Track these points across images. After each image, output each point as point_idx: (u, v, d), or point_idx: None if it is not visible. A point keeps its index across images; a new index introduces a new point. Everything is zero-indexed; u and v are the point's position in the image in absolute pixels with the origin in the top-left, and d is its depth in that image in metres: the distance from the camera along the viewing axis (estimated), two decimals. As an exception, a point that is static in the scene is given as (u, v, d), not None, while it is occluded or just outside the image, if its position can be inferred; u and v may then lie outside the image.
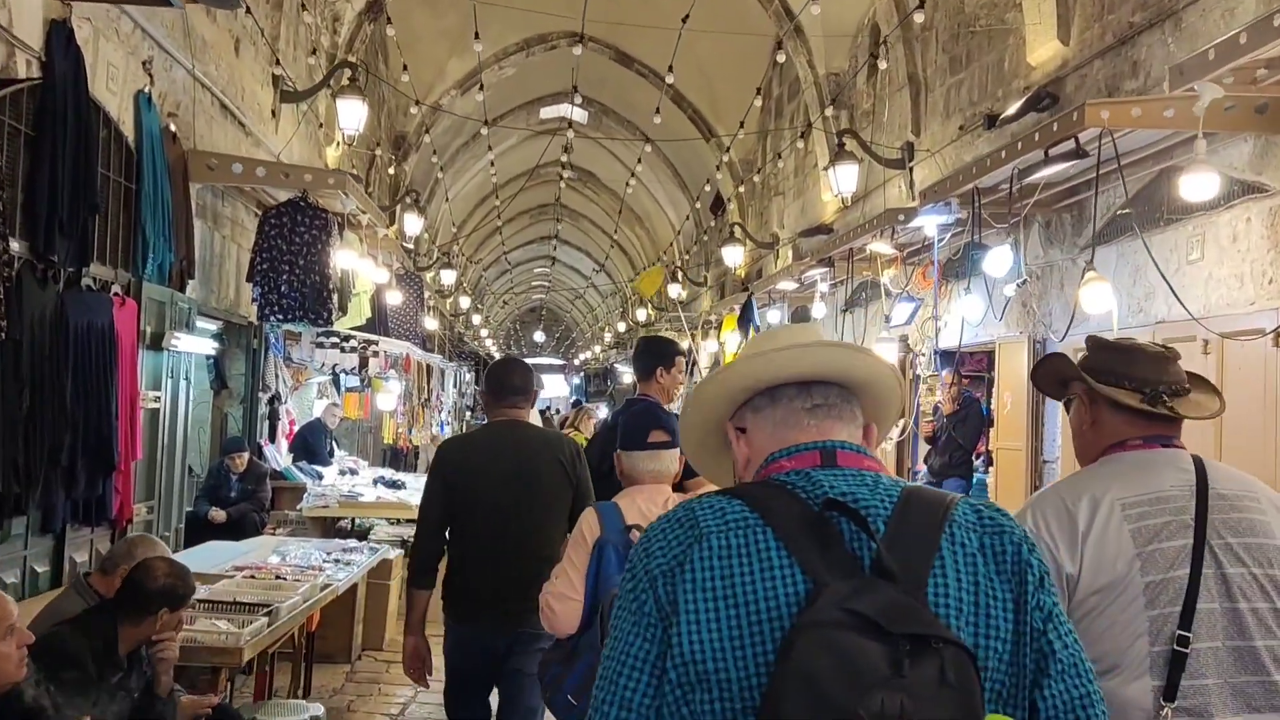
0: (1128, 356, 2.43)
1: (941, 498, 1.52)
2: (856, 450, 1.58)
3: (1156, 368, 2.40)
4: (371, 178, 16.11)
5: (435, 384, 14.56)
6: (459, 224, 25.81)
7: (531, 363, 22.62)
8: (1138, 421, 2.39)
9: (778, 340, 1.68)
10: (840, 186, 10.82)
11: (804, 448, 1.58)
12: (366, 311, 9.74)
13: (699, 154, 21.25)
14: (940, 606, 1.41)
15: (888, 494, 1.50)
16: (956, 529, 1.47)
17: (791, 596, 1.39)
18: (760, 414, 1.63)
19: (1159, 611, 2.18)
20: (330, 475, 10.98)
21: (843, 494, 1.48)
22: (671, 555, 1.46)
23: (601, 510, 3.42)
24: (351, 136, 10.08)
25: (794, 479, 1.52)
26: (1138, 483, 2.30)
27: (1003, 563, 1.47)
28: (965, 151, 9.70)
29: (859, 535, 1.43)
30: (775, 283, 12.09)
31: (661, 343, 5.31)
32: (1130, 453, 2.39)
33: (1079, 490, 2.34)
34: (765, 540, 1.43)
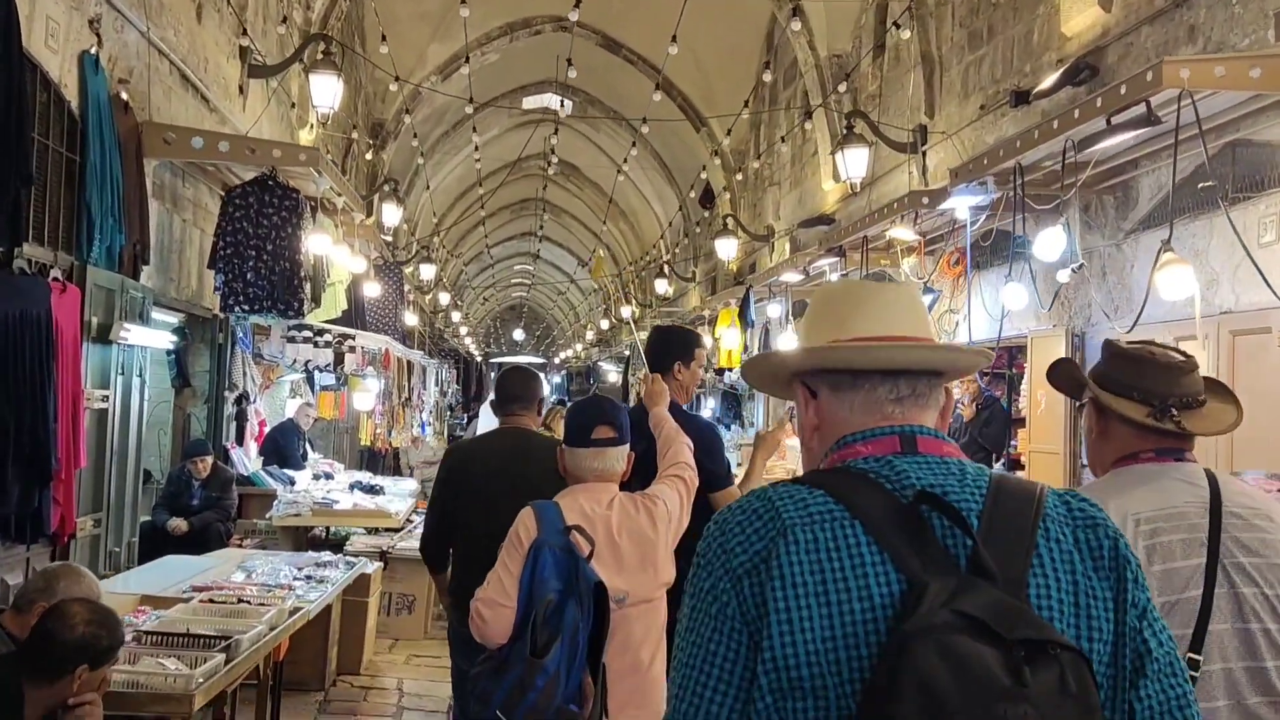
0: (1138, 366, 2.33)
1: (1031, 489, 1.43)
2: (936, 436, 1.49)
3: (1168, 379, 2.30)
4: (348, 165, 15.32)
5: (416, 382, 13.78)
6: (440, 216, 25.02)
7: (510, 361, 21.92)
8: (1147, 434, 2.31)
9: (869, 316, 1.53)
10: (848, 171, 10.15)
11: (882, 432, 1.47)
12: (342, 303, 8.99)
13: (688, 145, 20.52)
14: (1043, 609, 1.34)
15: (976, 485, 1.40)
16: (1051, 523, 1.39)
17: (887, 596, 1.30)
18: (840, 392, 1.52)
19: None
20: (303, 480, 10.22)
21: (931, 485, 1.38)
22: (754, 551, 1.36)
23: (539, 510, 3.20)
24: (325, 115, 9.34)
25: (876, 467, 1.42)
26: (1152, 498, 2.24)
27: (1100, 558, 1.39)
28: (987, 132, 9.04)
29: (952, 531, 1.35)
30: (779, 274, 11.37)
31: (680, 332, 4.64)
32: (1142, 465, 2.31)
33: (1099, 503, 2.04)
34: (855, 535, 1.33)
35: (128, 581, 6.31)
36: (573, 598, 2.96)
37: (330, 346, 9.60)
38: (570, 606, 2.94)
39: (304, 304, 7.42)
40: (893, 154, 11.01)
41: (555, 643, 2.88)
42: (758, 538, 1.36)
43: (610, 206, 27.70)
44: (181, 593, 5.94)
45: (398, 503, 9.77)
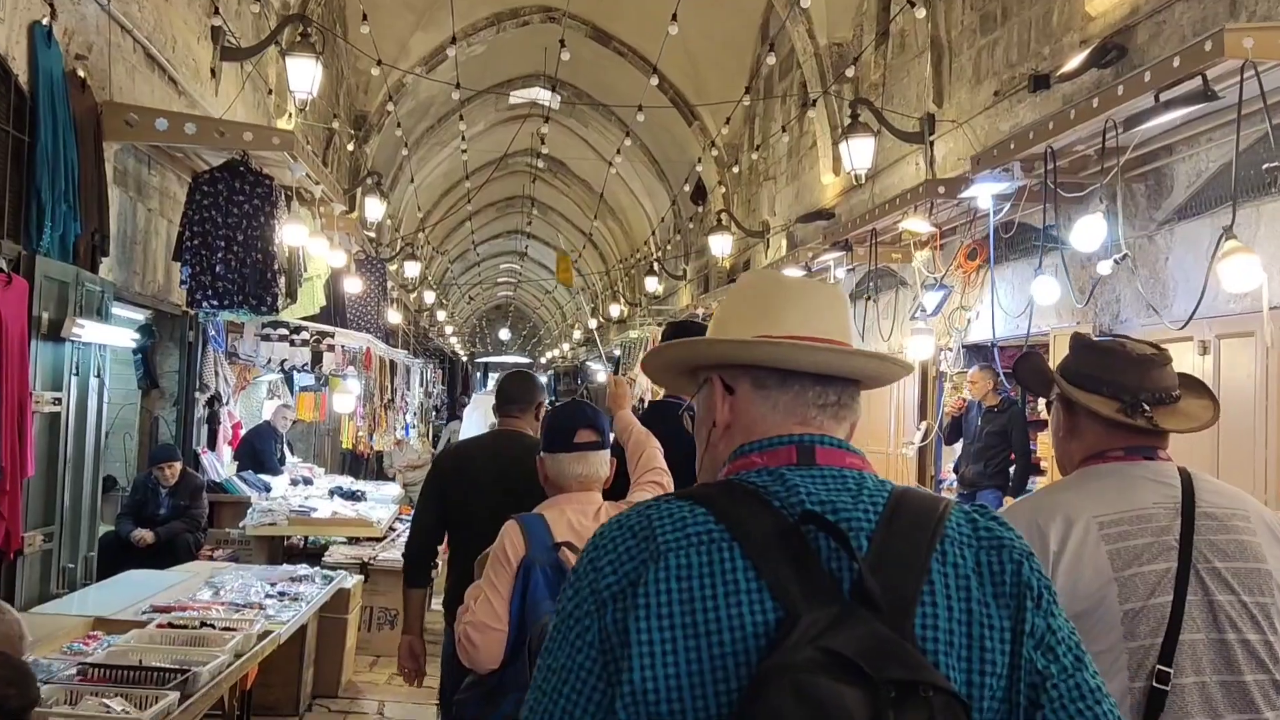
0: (1107, 359, 2.23)
1: (933, 505, 1.33)
2: (838, 445, 1.39)
3: (1138, 373, 2.20)
4: (329, 158, 14.78)
5: (400, 383, 13.21)
6: (425, 213, 24.46)
7: (496, 361, 21.26)
8: (1117, 431, 2.20)
9: (802, 314, 1.44)
10: (853, 162, 9.68)
11: (779, 441, 1.39)
12: (320, 299, 8.46)
13: (679, 140, 20.05)
14: (929, 640, 1.24)
15: (872, 501, 1.32)
16: (950, 545, 1.30)
17: (760, 627, 1.22)
18: (763, 391, 1.42)
19: (1139, 643, 2.04)
20: (280, 486, 9.69)
21: (821, 502, 1.30)
22: (624, 573, 1.27)
23: (526, 524, 3.02)
24: (304, 101, 8.81)
25: (767, 481, 1.33)
26: (1117, 499, 2.13)
27: (1000, 584, 1.29)
28: (1002, 119, 8.58)
29: (839, 553, 1.26)
30: (781, 269, 10.89)
31: (695, 328, 4.25)
32: (1110, 464, 2.20)
33: (1053, 506, 2.16)
34: (732, 559, 1.24)
35: (83, 601, 5.79)
36: None
37: (308, 345, 9.06)
38: None
39: (278, 299, 6.89)
40: (897, 145, 10.55)
41: None
42: (629, 558, 1.28)
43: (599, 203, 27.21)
44: (140, 614, 5.44)
45: (380, 510, 9.25)
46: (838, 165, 12.72)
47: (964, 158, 9.20)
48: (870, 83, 11.64)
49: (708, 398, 1.47)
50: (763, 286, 1.52)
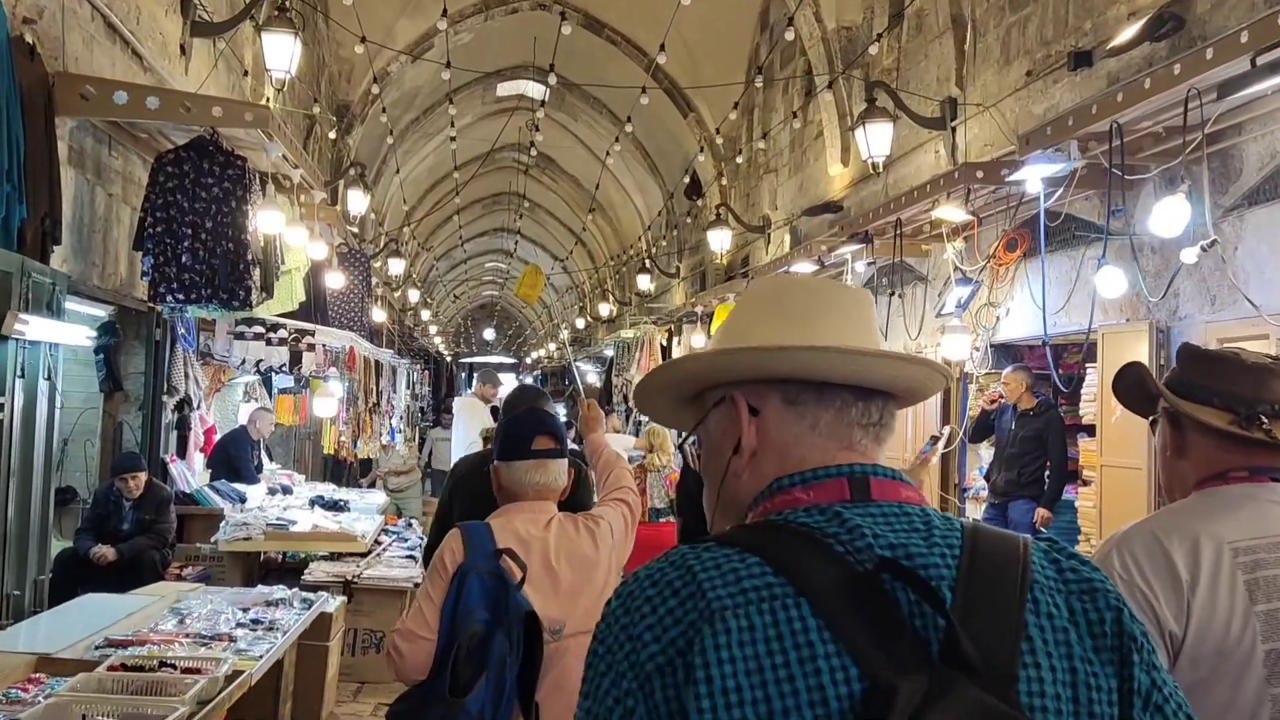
0: (1218, 368, 2.01)
1: (1013, 546, 1.16)
2: (892, 476, 1.22)
3: (1255, 382, 1.96)
4: (310, 147, 14.09)
5: (386, 384, 12.47)
6: (411, 208, 23.75)
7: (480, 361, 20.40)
8: (1235, 448, 1.95)
9: (838, 320, 1.27)
10: (870, 149, 9.06)
11: (827, 474, 1.20)
12: (300, 294, 7.76)
13: (674, 134, 19.41)
14: (1037, 710, 1.07)
15: (946, 542, 1.14)
16: (1041, 593, 1.13)
17: (845, 700, 1.03)
18: (798, 408, 1.24)
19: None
20: (256, 495, 9.01)
21: (892, 546, 1.12)
22: (669, 640, 1.07)
23: (468, 532, 2.94)
24: (281, 80, 8.13)
25: (822, 523, 1.14)
26: (1250, 523, 1.87)
27: (1101, 636, 1.14)
28: (1035, 101, 7.98)
29: (920, 607, 1.08)
30: (790, 264, 10.24)
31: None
32: (1234, 486, 1.95)
33: (1177, 528, 1.90)
34: (802, 619, 1.06)
35: (30, 635, 5.11)
36: (501, 628, 2.72)
37: (286, 344, 8.36)
38: (498, 638, 2.71)
39: (251, 293, 6.22)
40: (913, 133, 9.94)
41: (480, 679, 2.66)
42: (674, 621, 1.08)
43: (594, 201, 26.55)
44: (92, 649, 4.78)
45: (364, 522, 8.58)
46: (846, 155, 12.13)
47: (990, 144, 8.61)
48: (883, 68, 11.02)
49: (723, 421, 1.28)
50: (787, 290, 1.34)
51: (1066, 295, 7.31)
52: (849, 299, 1.33)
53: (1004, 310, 8.33)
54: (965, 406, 8.93)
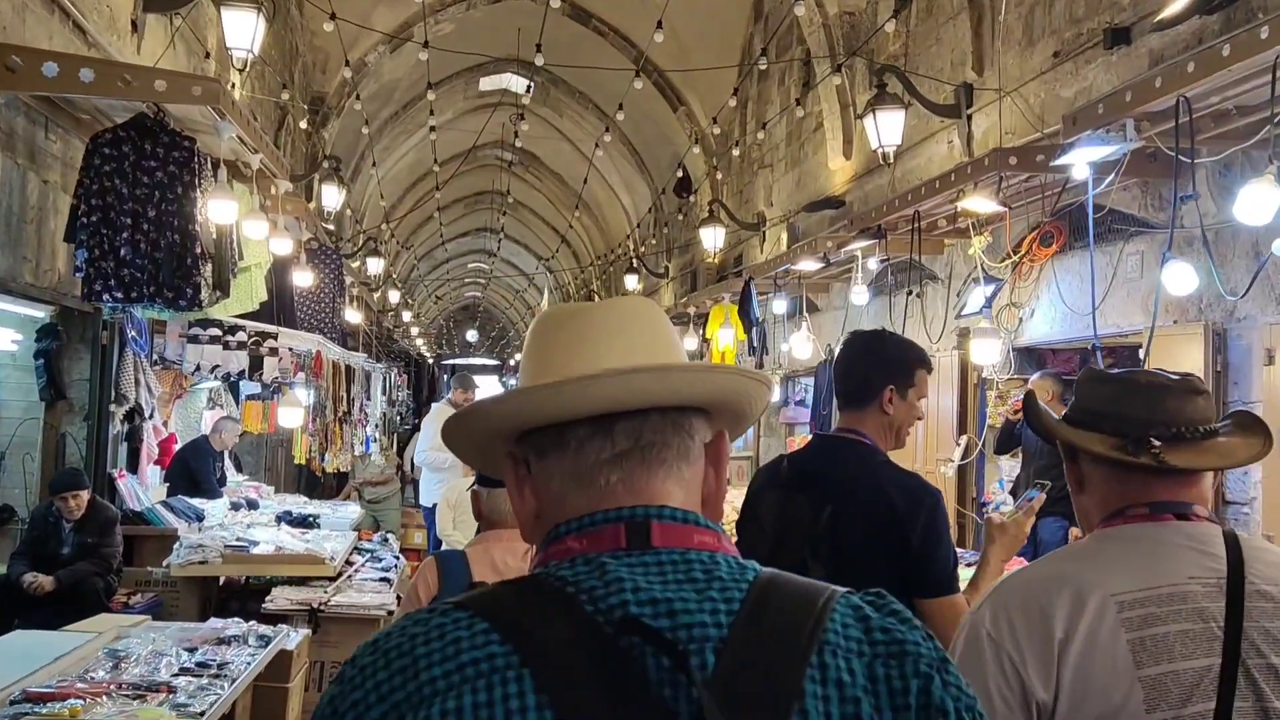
0: (1114, 389, 1.82)
1: (811, 598, 1.06)
2: (681, 519, 1.09)
3: (1149, 402, 1.76)
4: (282, 141, 13.38)
5: (359, 391, 11.71)
6: (390, 205, 23.00)
7: (463, 363, 19.54)
8: (1132, 480, 1.76)
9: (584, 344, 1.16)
10: (881, 138, 8.41)
11: (601, 519, 1.09)
12: (261, 294, 7.03)
13: (662, 128, 18.76)
14: None
15: (724, 596, 1.04)
16: (832, 655, 1.02)
17: None
18: (546, 458, 1.15)
19: None
20: (218, 511, 8.30)
21: (654, 601, 1.01)
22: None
23: (443, 562, 2.96)
24: (243, 59, 7.42)
25: (581, 576, 1.04)
26: (1141, 571, 1.68)
27: (904, 709, 1.02)
28: (1065, 84, 7.35)
29: (672, 672, 0.97)
30: (792, 262, 9.57)
31: (894, 343, 3.10)
32: (1132, 526, 1.74)
33: (1058, 579, 1.71)
34: (520, 695, 0.96)
35: (-65, 684, 4.42)
36: None
37: (245, 348, 7.65)
38: None
39: (200, 290, 5.52)
40: (922, 123, 9.30)
41: None
42: (378, 699, 0.99)
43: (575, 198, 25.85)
44: (7, 704, 4.11)
45: (334, 541, 7.88)
46: (849, 148, 11.51)
47: (1011, 131, 7.98)
48: (888, 54, 10.39)
49: (509, 484, 1.19)
50: (546, 323, 1.22)
51: (1103, 294, 6.68)
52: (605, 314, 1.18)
53: (1027, 311, 7.71)
54: (984, 415, 8.30)
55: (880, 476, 2.79)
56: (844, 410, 3.02)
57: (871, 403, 2.94)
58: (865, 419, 2.94)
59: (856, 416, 2.96)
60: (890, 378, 2.94)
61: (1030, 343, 7.78)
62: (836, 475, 2.83)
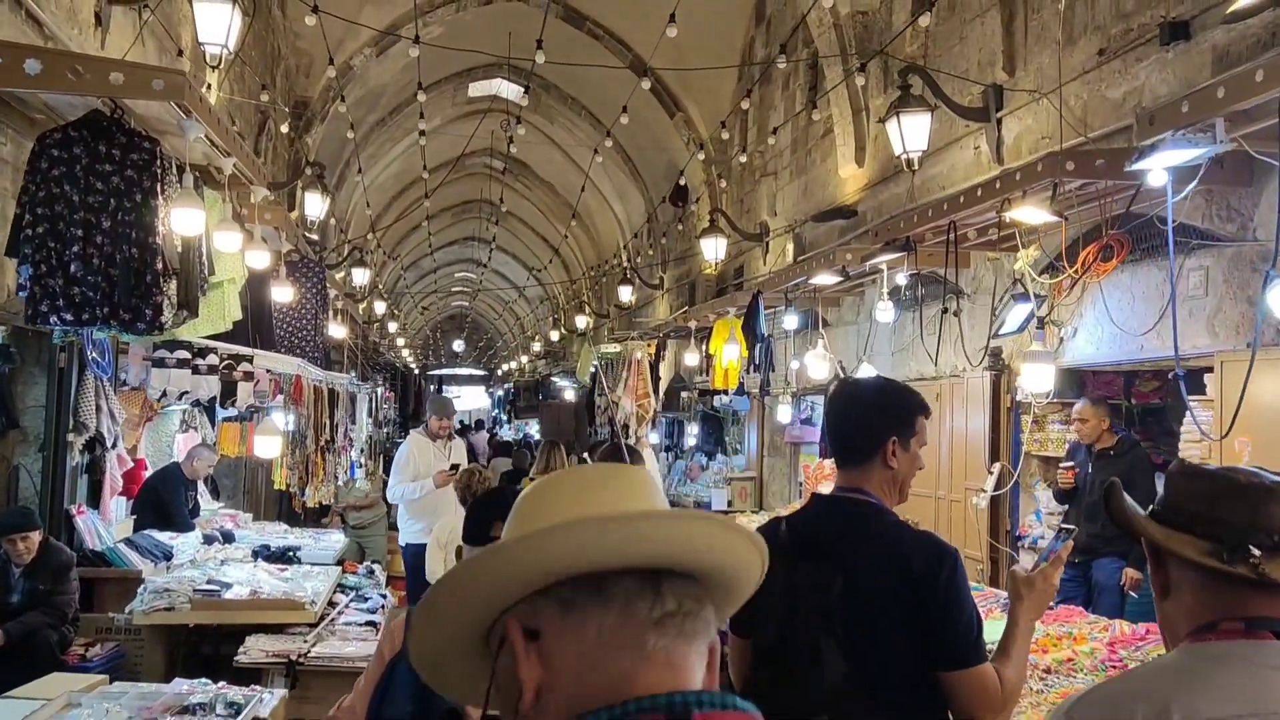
0: (1210, 488, 1.64)
1: None
2: (721, 706, 1.00)
3: (1250, 507, 1.58)
4: (263, 147, 12.74)
5: (343, 416, 10.95)
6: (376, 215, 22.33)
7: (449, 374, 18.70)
8: (1225, 591, 1.58)
9: (609, 493, 1.09)
10: (906, 143, 7.82)
11: (639, 707, 0.97)
12: (234, 312, 6.36)
13: (657, 136, 18.16)
14: None
15: None
16: None
17: None
18: (575, 615, 1.03)
19: None
20: (189, 546, 7.64)
21: None
22: None
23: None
24: (216, 56, 6.79)
25: None
26: (1235, 695, 1.50)
27: None
28: (1111, 84, 6.78)
29: None
30: (807, 275, 8.94)
31: (895, 393, 2.87)
32: (1225, 643, 1.57)
33: (1145, 695, 1.56)
34: None
35: None
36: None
37: (216, 373, 6.98)
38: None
39: (163, 311, 4.87)
40: (943, 127, 8.71)
41: None
42: None
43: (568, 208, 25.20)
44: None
45: (316, 579, 7.22)
46: (861, 155, 10.92)
47: (1048, 135, 7.41)
48: (905, 55, 9.81)
49: (506, 661, 1.04)
50: (552, 484, 1.14)
51: (1158, 313, 6.10)
52: (623, 475, 1.12)
53: (1069, 331, 7.12)
54: (1018, 441, 7.71)
55: (893, 539, 2.63)
56: (843, 466, 2.80)
57: (874, 457, 2.74)
58: (868, 475, 2.75)
59: (858, 473, 2.76)
60: (893, 428, 2.75)
61: (1072, 364, 7.18)
62: (846, 541, 2.65)
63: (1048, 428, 7.50)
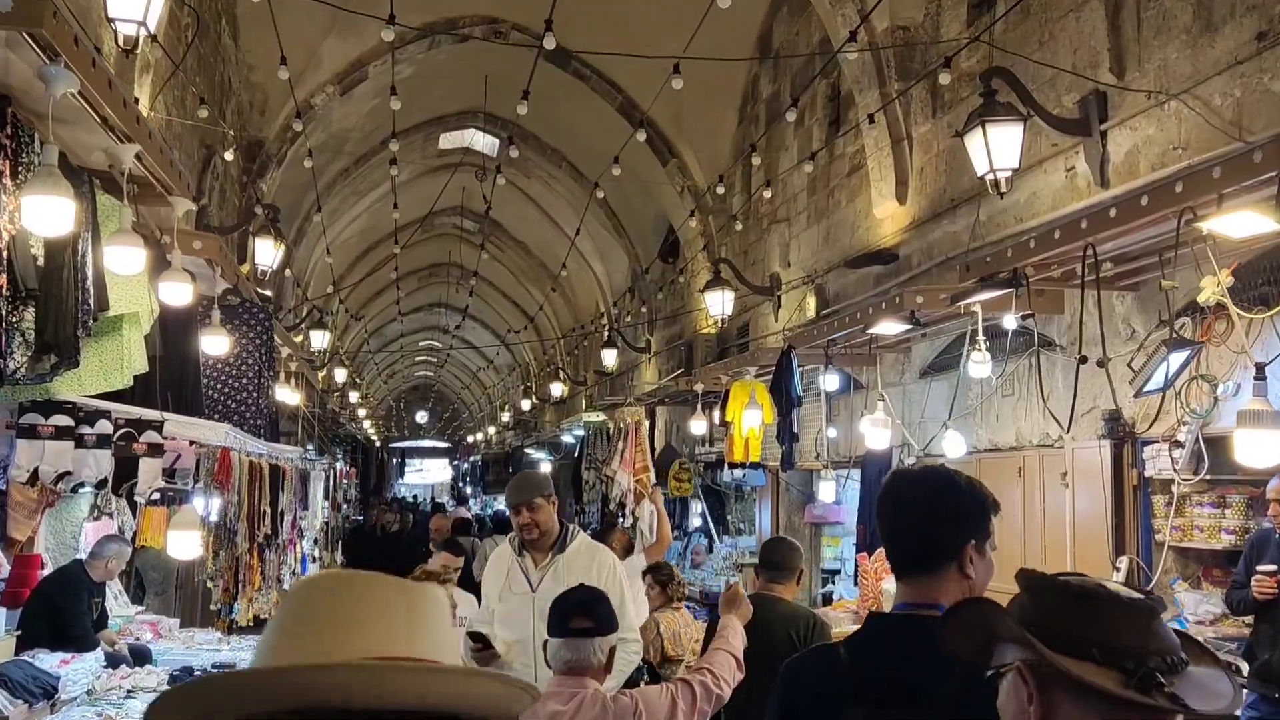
0: (1093, 608, 1.52)
1: None
2: None
3: (1139, 628, 1.50)
4: (208, 185, 11.11)
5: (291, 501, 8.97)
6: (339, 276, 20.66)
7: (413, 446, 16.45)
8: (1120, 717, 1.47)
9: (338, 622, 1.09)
10: (994, 161, 6.35)
11: None
12: (138, 363, 4.63)
13: (646, 186, 16.66)
14: None
15: None
16: None
17: None
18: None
19: None
20: (84, 674, 5.83)
21: None
22: None
23: None
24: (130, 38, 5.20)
25: None
26: None
27: None
28: (1276, 75, 5.32)
29: None
30: (870, 324, 7.27)
31: (967, 491, 2.29)
32: None
33: None
34: None
35: None
36: None
37: (110, 445, 5.16)
38: None
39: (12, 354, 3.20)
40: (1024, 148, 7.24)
41: None
42: None
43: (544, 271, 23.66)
44: None
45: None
46: (903, 190, 9.45)
47: (1182, 145, 5.96)
48: (961, 73, 8.38)
49: None
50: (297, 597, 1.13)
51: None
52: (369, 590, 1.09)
53: (1229, 387, 5.57)
54: (1148, 527, 6.12)
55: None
56: (908, 576, 2.34)
57: (948, 565, 2.29)
58: (943, 587, 2.28)
59: (930, 585, 2.29)
60: (970, 530, 2.30)
61: (1228, 430, 5.61)
62: (939, 677, 2.04)
63: (1189, 511, 5.91)
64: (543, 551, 4.50)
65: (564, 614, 3.31)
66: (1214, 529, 5.75)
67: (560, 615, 3.32)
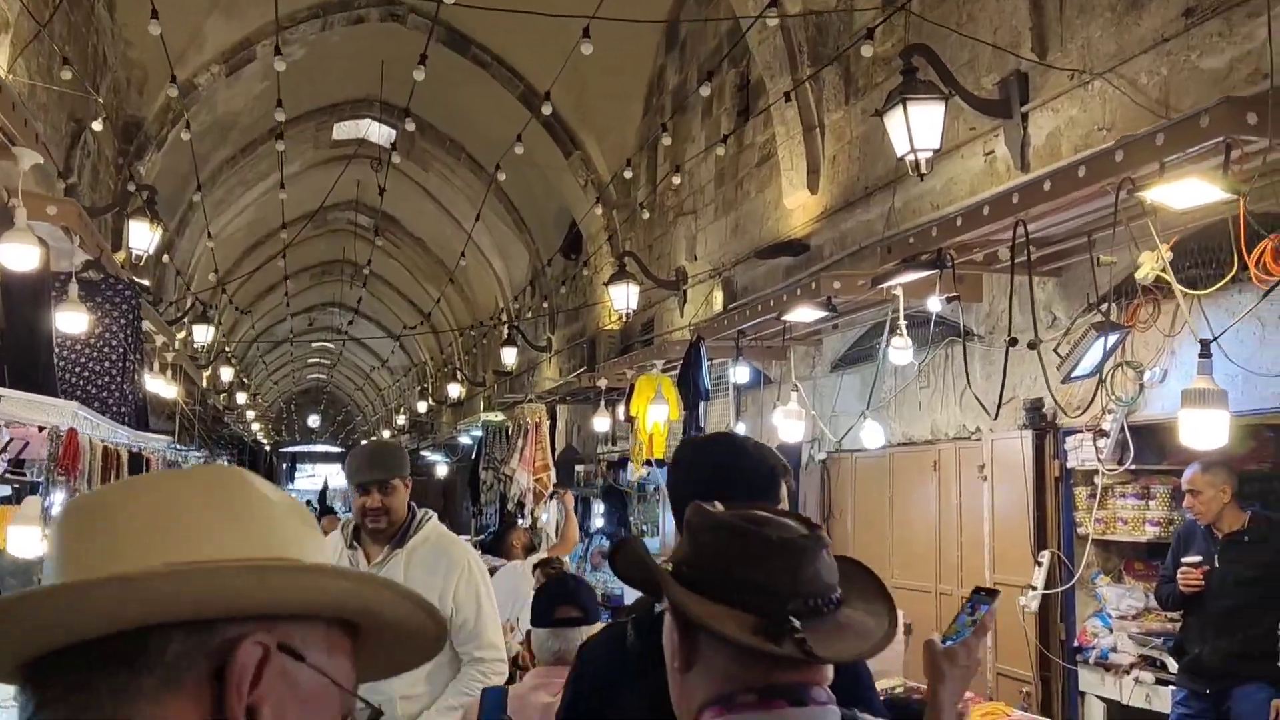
0: (741, 546, 1.40)
1: None
2: None
3: (785, 569, 1.39)
4: (77, 161, 10.34)
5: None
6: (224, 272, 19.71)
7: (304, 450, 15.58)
8: (754, 664, 1.39)
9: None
10: (917, 141, 6.09)
11: None
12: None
13: (548, 179, 16.24)
14: None
15: None
16: None
17: None
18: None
19: None
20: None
21: None
22: None
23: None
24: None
25: None
26: None
27: None
28: (1208, 51, 5.16)
29: None
30: (784, 310, 6.96)
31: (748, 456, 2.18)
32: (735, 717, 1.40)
33: None
34: None
35: None
36: None
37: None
38: None
39: None
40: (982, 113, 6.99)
41: None
42: None
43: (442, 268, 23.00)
44: None
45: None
46: (814, 179, 9.21)
47: (1106, 126, 5.79)
48: (875, 57, 8.16)
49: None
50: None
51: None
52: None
53: (1155, 373, 5.39)
54: (1069, 521, 5.93)
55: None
56: None
57: None
58: None
59: None
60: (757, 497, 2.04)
61: (1153, 418, 5.44)
62: None
63: (1112, 504, 5.73)
64: (380, 545, 3.62)
65: (549, 604, 3.27)
66: (1138, 521, 5.57)
67: (545, 605, 3.28)
